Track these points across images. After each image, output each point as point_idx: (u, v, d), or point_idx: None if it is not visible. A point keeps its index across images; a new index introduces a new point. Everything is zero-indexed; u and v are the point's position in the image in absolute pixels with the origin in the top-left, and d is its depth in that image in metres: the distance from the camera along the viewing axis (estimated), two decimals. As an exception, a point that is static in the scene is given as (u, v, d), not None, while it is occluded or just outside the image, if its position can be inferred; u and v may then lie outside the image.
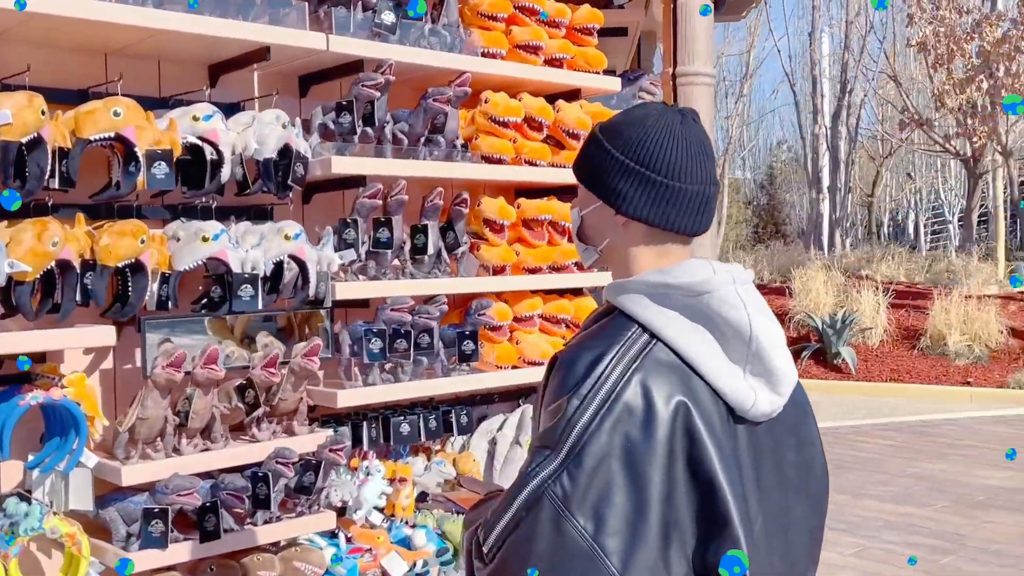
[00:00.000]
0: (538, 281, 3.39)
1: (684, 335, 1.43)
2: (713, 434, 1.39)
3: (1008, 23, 13.61)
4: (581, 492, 1.34)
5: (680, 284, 1.45)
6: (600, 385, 1.38)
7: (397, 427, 3.15)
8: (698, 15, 3.51)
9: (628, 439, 1.36)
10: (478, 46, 3.21)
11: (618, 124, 1.55)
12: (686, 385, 1.40)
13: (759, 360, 1.45)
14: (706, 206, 1.51)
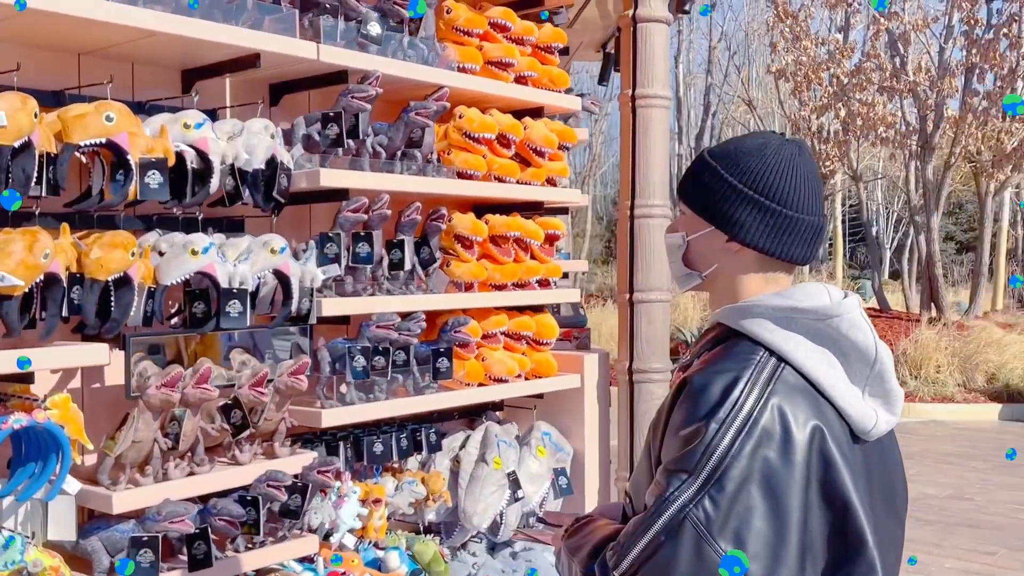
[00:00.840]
0: (508, 298, 3.39)
1: (812, 358, 1.45)
2: (844, 456, 1.42)
3: (859, 55, 14.49)
4: (723, 517, 1.35)
5: (809, 308, 1.48)
6: (738, 410, 1.40)
7: (371, 446, 3.09)
8: (658, 37, 3.60)
9: (768, 463, 1.37)
10: (453, 60, 3.19)
11: (734, 152, 1.57)
12: (817, 408, 1.43)
13: (879, 381, 1.49)
14: (819, 237, 1.55)
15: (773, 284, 1.57)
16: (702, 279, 1.61)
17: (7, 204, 2.11)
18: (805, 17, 14.37)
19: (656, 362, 3.63)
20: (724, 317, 1.55)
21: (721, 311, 1.57)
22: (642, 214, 3.60)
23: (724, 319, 1.55)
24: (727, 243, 1.55)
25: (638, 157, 3.61)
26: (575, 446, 3.71)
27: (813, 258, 1.57)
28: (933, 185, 14.10)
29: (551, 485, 3.55)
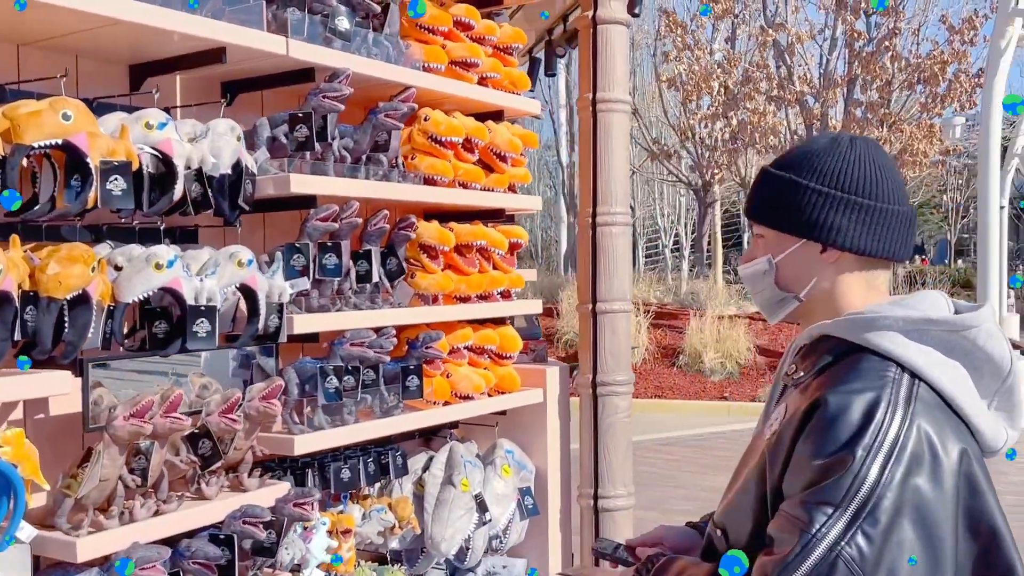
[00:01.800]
0: (475, 310, 3.22)
1: (947, 374, 1.37)
2: (988, 482, 1.35)
3: (745, 65, 14.89)
4: (877, 553, 1.25)
5: (942, 319, 1.40)
6: (883, 434, 1.29)
7: (338, 473, 2.87)
8: (618, 40, 3.49)
9: (919, 492, 1.27)
10: (418, 59, 3.00)
11: (806, 157, 1.48)
12: (957, 428, 1.35)
13: (1009, 395, 1.42)
14: (913, 227, 1.48)
15: (874, 290, 1.48)
16: (800, 300, 1.50)
17: (7, 204, 1.93)
18: (696, 27, 14.65)
19: (620, 374, 3.52)
20: (841, 330, 1.43)
21: (832, 323, 1.45)
22: (604, 221, 3.49)
23: (840, 332, 1.43)
24: (823, 253, 1.46)
25: (600, 163, 3.50)
26: (537, 463, 3.56)
27: (911, 253, 1.50)
28: (817, 192, 14.57)
29: (517, 506, 3.39)
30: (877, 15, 13.46)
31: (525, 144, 3.41)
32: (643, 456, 9.57)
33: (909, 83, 13.48)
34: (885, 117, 13.46)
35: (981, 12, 13.59)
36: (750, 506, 1.41)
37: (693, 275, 22.06)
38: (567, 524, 3.66)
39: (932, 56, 13.26)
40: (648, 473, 8.64)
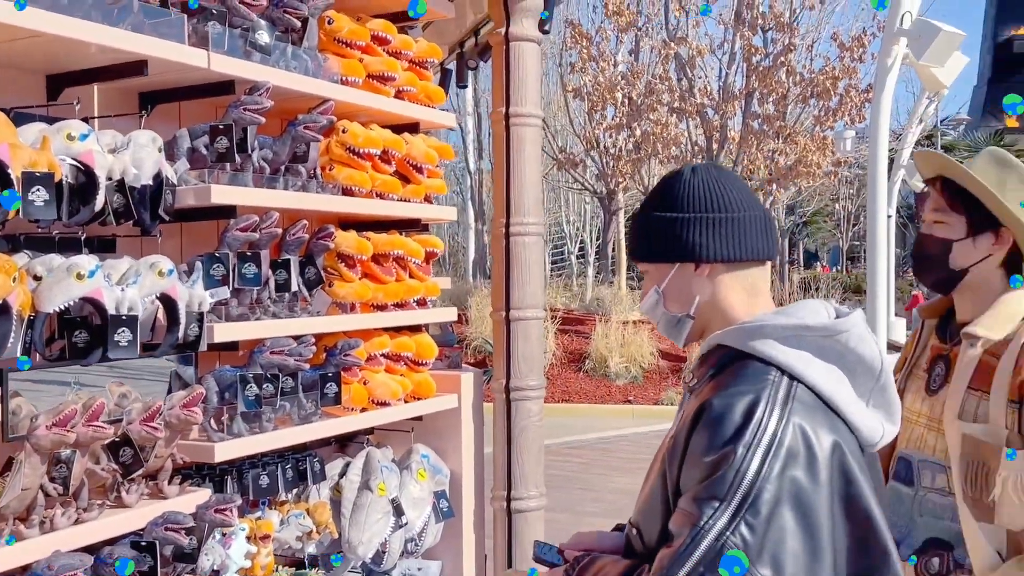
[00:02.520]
0: (392, 318, 3.29)
1: (822, 375, 1.49)
2: (863, 471, 1.46)
3: (648, 77, 15.26)
4: (760, 541, 1.36)
5: (816, 325, 1.53)
6: (762, 431, 1.41)
7: (256, 479, 2.91)
8: (530, 57, 3.61)
9: (796, 483, 1.39)
10: (336, 73, 3.06)
11: (659, 193, 1.65)
12: (832, 424, 1.46)
13: (883, 393, 1.55)
14: (769, 227, 1.62)
15: (756, 293, 1.62)
16: (692, 316, 1.64)
17: (7, 204, 1.97)
18: (601, 39, 14.94)
19: (532, 379, 3.63)
20: (729, 339, 1.57)
21: (723, 333, 1.59)
22: (517, 231, 3.60)
23: (729, 341, 1.57)
24: (696, 271, 1.60)
25: (512, 175, 3.60)
26: (451, 467, 3.65)
27: (775, 250, 1.63)
28: (717, 201, 15.01)
29: (432, 509, 3.47)
30: (773, 31, 14.01)
31: (441, 156, 3.50)
32: (552, 459, 9.73)
33: (803, 97, 14.06)
34: (781, 129, 14.00)
35: (869, 31, 14.23)
36: (658, 506, 1.52)
37: (598, 281, 22.45)
38: (481, 526, 3.75)
39: (824, 72, 13.86)
40: (558, 476, 8.79)
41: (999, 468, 2.01)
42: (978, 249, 2.13)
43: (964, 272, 2.15)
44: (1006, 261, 2.13)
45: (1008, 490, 1.99)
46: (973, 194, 2.11)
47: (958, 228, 2.13)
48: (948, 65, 11.61)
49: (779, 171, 14.19)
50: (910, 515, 2.22)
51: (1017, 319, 2.09)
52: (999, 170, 2.11)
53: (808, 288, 27.15)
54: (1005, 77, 40.53)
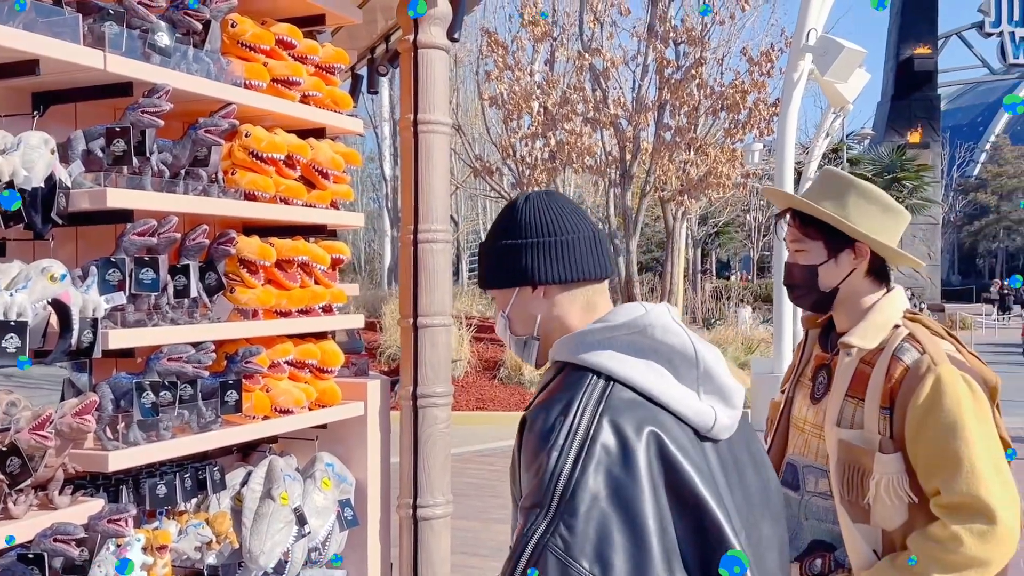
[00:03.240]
0: (296, 325, 3.26)
1: (637, 370, 1.54)
2: (688, 458, 1.48)
3: (563, 87, 15.42)
4: (580, 538, 1.39)
5: (621, 323, 1.59)
6: (574, 433, 1.45)
7: (154, 489, 2.85)
8: (438, 64, 3.62)
9: (612, 477, 1.42)
10: (239, 76, 3.03)
11: (495, 227, 1.75)
12: (652, 416, 1.50)
13: (709, 379, 1.59)
14: (599, 246, 1.68)
15: (592, 309, 1.67)
16: (536, 338, 1.70)
17: (7, 204, 1.99)
18: (517, 48, 15.03)
19: (439, 386, 3.63)
20: (556, 353, 1.64)
21: (553, 349, 1.66)
22: (425, 239, 3.60)
23: (556, 354, 1.64)
24: (533, 293, 1.67)
25: (420, 182, 3.60)
26: (357, 475, 3.63)
27: (606, 268, 1.69)
28: (630, 211, 15.21)
29: (337, 518, 3.44)
30: (685, 45, 14.30)
31: (347, 162, 3.48)
32: (464, 467, 9.73)
33: (714, 110, 14.37)
34: (692, 141, 14.28)
35: (777, 46, 14.63)
36: (516, 520, 1.56)
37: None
38: (386, 534, 3.74)
39: (734, 85, 14.18)
40: (469, 484, 8.79)
41: (872, 472, 2.11)
42: (841, 267, 2.24)
43: (835, 290, 2.26)
44: (871, 269, 2.25)
45: (881, 492, 2.09)
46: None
47: (818, 253, 2.24)
48: (851, 81, 12.04)
49: (690, 182, 14.48)
50: (797, 518, 2.31)
51: (888, 327, 2.19)
52: (838, 192, 2.22)
53: (720, 297, 27.71)
54: (906, 94, 42.00)
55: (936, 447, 2.05)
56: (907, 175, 35.65)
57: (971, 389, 2.08)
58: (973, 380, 2.10)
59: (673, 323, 1.60)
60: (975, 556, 2.00)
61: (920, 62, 42.11)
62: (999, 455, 2.08)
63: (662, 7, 14.04)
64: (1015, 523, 2.03)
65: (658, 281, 18.22)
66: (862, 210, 2.19)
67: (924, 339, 2.14)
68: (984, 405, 2.09)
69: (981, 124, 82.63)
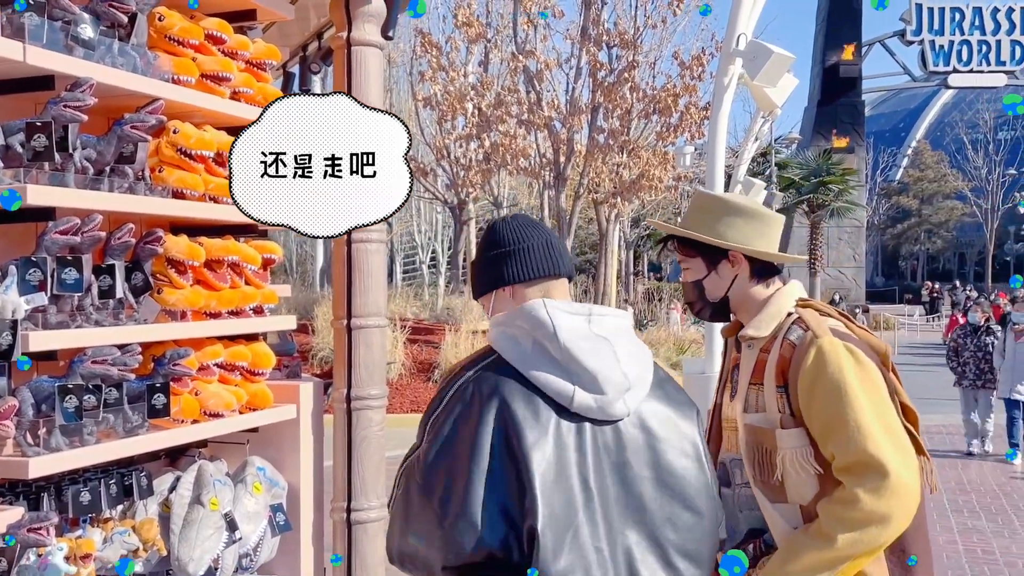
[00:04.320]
0: (226, 327, 3.18)
1: (515, 349, 1.88)
2: (528, 423, 1.78)
3: (498, 88, 15.41)
4: (432, 448, 1.82)
5: (516, 312, 1.93)
6: (455, 390, 1.87)
7: (77, 496, 2.75)
8: (372, 62, 3.57)
9: (456, 422, 1.81)
10: (167, 71, 2.95)
11: (478, 245, 2.15)
12: (508, 385, 1.82)
13: (572, 361, 1.84)
14: (552, 250, 2.02)
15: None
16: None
17: (7, 204, 2.00)
18: (451, 49, 14.98)
19: (374, 388, 3.58)
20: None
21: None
22: (359, 239, 3.55)
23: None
24: (504, 294, 2.02)
25: (354, 181, 3.56)
26: (290, 479, 3.56)
27: (560, 266, 2.02)
28: (564, 213, 15.27)
29: (268, 523, 3.37)
30: (618, 48, 14.41)
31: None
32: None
33: (646, 113, 14.50)
34: (625, 144, 14.39)
35: (708, 51, 14.82)
36: None
37: (449, 291, 22.48)
38: (320, 539, 3.68)
39: (666, 89, 14.33)
40: (403, 487, 8.71)
41: (777, 449, 2.26)
42: (723, 277, 2.44)
43: (724, 299, 2.46)
44: (754, 272, 2.43)
45: (787, 467, 2.23)
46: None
47: (699, 268, 2.46)
48: (780, 85, 12.22)
49: (623, 184, 14.59)
50: (734, 513, 2.36)
51: (781, 315, 2.37)
52: (707, 212, 2.43)
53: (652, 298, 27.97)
54: (832, 99, 42.98)
55: (826, 414, 2.19)
56: (833, 179, 36.47)
57: (854, 356, 2.22)
58: (857, 349, 2.24)
59: (543, 311, 1.88)
60: (873, 511, 2.10)
61: (845, 68, 43.13)
62: (889, 416, 2.20)
63: (595, 11, 14.12)
64: (911, 477, 2.13)
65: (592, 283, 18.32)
66: (728, 223, 2.39)
67: (810, 319, 2.31)
68: (869, 371, 2.23)
69: (903, 130, 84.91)
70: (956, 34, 45.57)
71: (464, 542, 1.72)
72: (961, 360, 11.20)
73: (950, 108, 79.26)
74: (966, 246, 73.15)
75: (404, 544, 1.84)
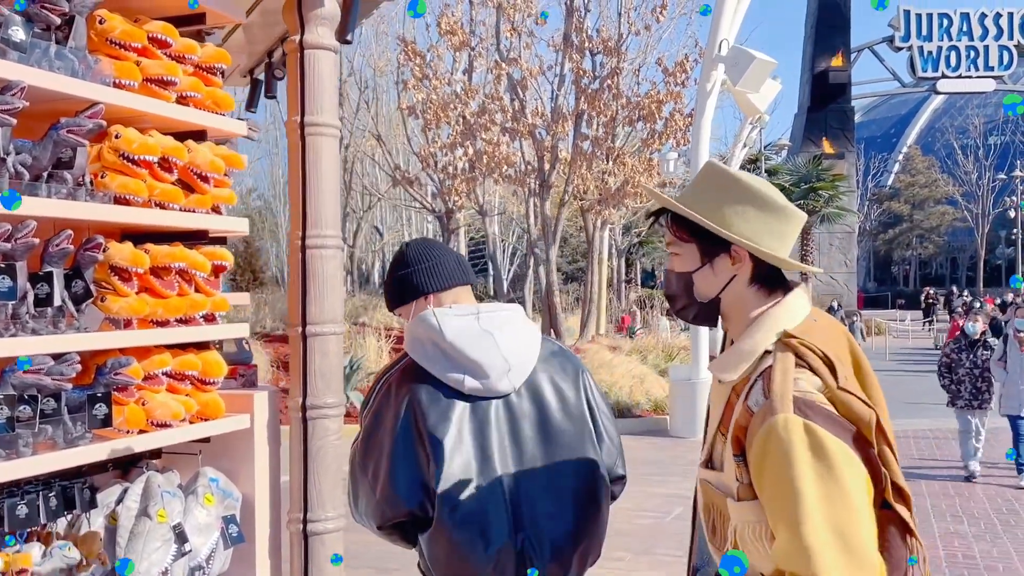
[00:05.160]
0: (172, 335, 3.12)
1: (419, 350, 2.30)
2: (434, 407, 2.22)
3: (482, 97, 15.37)
4: (360, 443, 2.33)
5: (415, 322, 2.34)
6: (379, 388, 2.34)
7: (13, 509, 2.68)
8: (325, 65, 3.52)
9: (379, 410, 2.30)
10: (108, 75, 2.89)
11: (391, 266, 2.55)
12: (417, 378, 2.27)
13: (459, 355, 2.25)
14: (461, 264, 2.47)
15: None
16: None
17: (7, 204, 2.01)
18: (433, 57, 14.94)
19: (330, 397, 3.51)
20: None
21: None
22: (314, 244, 3.49)
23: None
24: (424, 302, 2.41)
25: (309, 186, 3.49)
26: (244, 490, 3.49)
27: (465, 276, 2.45)
28: (550, 221, 15.22)
29: (220, 535, 3.30)
30: (601, 55, 14.39)
31: (230, 165, 3.36)
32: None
33: (630, 120, 14.47)
34: (610, 151, 14.36)
35: (692, 57, 14.80)
36: None
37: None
38: (276, 551, 3.61)
39: (650, 95, 14.30)
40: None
41: (730, 519, 1.89)
42: (718, 275, 1.93)
43: (716, 300, 1.95)
44: (756, 276, 1.92)
45: (744, 539, 1.84)
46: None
47: (692, 258, 1.95)
48: (763, 91, 12.23)
49: (608, 192, 14.55)
50: (708, 552, 2.10)
51: (756, 353, 1.86)
52: (716, 190, 1.93)
53: (644, 305, 27.93)
54: (821, 106, 43.04)
55: (770, 507, 1.76)
56: (823, 185, 36.52)
57: (812, 441, 1.71)
58: (821, 429, 1.72)
59: (431, 316, 2.29)
60: None
61: (834, 75, 43.20)
62: (845, 519, 1.67)
63: (577, 18, 14.09)
64: None
65: (582, 290, 18.25)
66: (739, 211, 1.88)
67: (778, 377, 1.79)
68: (832, 459, 1.71)
69: (894, 135, 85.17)
70: (944, 40, 45.70)
71: (389, 508, 2.20)
72: (955, 378, 9.77)
73: (940, 114, 79.55)
74: (958, 251, 73.33)
75: (354, 511, 2.35)
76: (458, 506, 2.15)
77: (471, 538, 2.16)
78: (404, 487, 2.18)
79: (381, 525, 2.24)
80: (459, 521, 2.15)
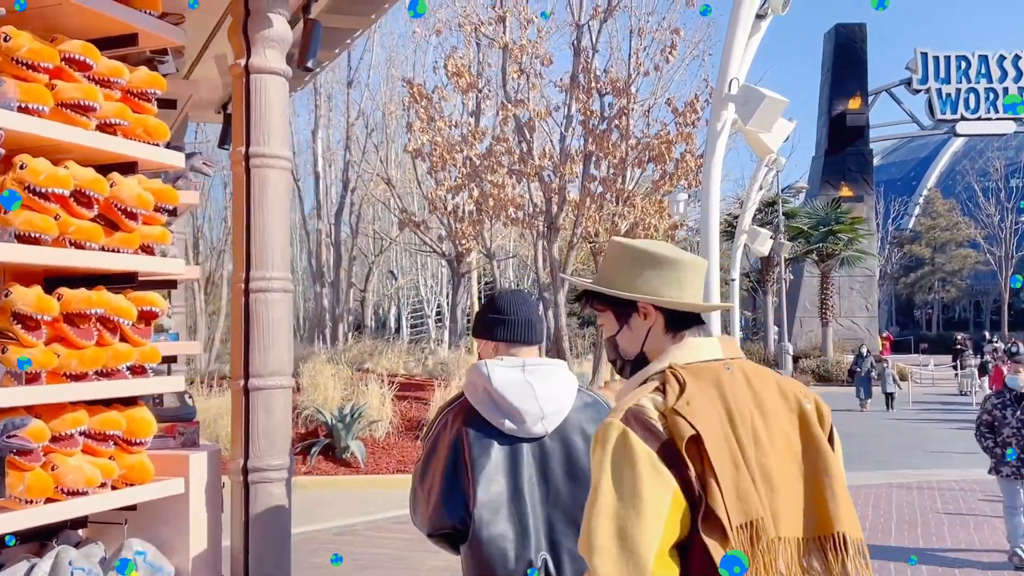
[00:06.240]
0: (89, 390, 2.76)
1: (473, 393, 2.63)
2: (478, 442, 2.56)
3: (490, 139, 15.13)
4: (420, 464, 2.63)
5: (472, 368, 2.68)
6: (439, 419, 2.66)
7: None
8: (274, 91, 3.20)
9: (435, 439, 2.63)
10: (11, 98, 2.58)
11: (481, 305, 2.86)
12: (468, 416, 2.60)
13: (503, 401, 2.58)
14: (529, 326, 2.74)
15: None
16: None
17: (7, 204, 2.06)
18: (439, 99, 14.73)
19: (275, 458, 3.15)
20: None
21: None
22: (258, 287, 3.16)
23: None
24: (489, 345, 2.74)
25: (253, 223, 3.17)
26: (178, 563, 3.11)
27: (531, 338, 2.73)
28: (559, 263, 14.87)
29: (146, 616, 2.92)
30: (610, 95, 14.14)
31: (161, 200, 3.02)
32: (376, 536, 9.14)
33: (639, 161, 14.16)
34: (620, 193, 14.03)
35: (702, 97, 14.54)
36: None
37: (449, 346, 22.07)
38: (215, 631, 3.22)
39: (659, 136, 14.00)
40: (381, 555, 8.23)
41: None
42: (635, 331, 2.19)
43: (641, 355, 2.18)
44: (668, 324, 2.16)
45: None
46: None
47: (612, 323, 2.23)
48: (775, 130, 11.89)
49: (618, 234, 14.20)
50: None
51: (640, 380, 2.09)
52: (616, 261, 2.22)
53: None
54: (839, 148, 42.73)
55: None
56: (842, 228, 36.07)
57: (625, 444, 1.91)
58: (635, 436, 1.91)
59: (483, 366, 2.63)
60: None
61: (852, 117, 42.93)
62: (631, 518, 1.85)
63: (585, 58, 13.86)
64: None
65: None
66: (635, 271, 2.18)
67: (630, 393, 2.05)
68: (638, 464, 1.88)
69: (914, 178, 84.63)
70: (963, 82, 45.38)
71: (437, 520, 2.54)
72: (999, 439, 7.95)
73: (960, 156, 79.02)
74: (981, 294, 72.37)
75: (413, 517, 2.64)
76: (488, 527, 2.50)
77: (497, 555, 2.49)
78: (450, 504, 2.53)
79: (431, 533, 2.58)
80: (487, 539, 2.49)
